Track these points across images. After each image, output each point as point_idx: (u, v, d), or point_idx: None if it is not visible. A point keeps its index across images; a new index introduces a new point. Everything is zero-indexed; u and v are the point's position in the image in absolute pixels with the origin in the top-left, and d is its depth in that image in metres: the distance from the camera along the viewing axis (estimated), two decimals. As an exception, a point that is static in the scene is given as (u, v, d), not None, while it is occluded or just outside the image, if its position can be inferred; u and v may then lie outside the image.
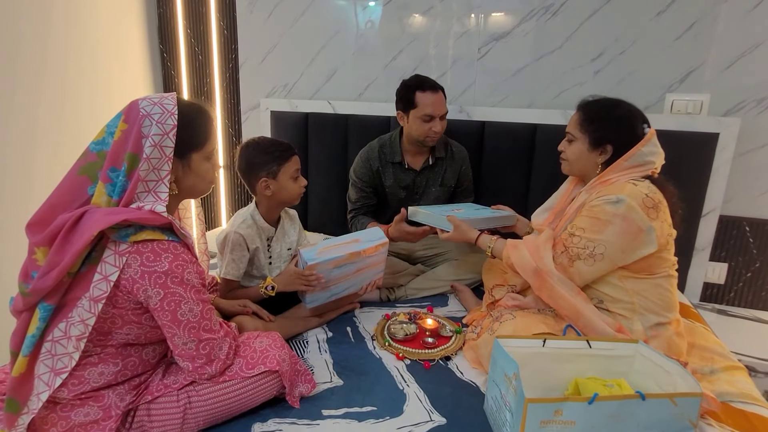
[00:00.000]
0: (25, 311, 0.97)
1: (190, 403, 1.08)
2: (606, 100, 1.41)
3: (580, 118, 1.39)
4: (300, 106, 2.39)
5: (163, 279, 0.98)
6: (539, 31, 2.06)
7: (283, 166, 1.53)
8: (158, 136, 1.00)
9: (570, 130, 1.42)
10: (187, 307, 1.02)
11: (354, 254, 1.52)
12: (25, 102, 1.98)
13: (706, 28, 1.85)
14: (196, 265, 1.06)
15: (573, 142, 1.41)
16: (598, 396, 0.97)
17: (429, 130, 1.83)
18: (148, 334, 1.07)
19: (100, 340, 1.02)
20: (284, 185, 1.55)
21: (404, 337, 1.50)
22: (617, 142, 1.34)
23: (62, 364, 0.98)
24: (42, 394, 0.97)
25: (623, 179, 1.30)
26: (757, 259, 1.96)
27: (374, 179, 1.99)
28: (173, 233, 1.03)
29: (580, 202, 1.37)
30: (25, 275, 0.98)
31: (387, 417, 1.18)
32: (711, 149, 1.83)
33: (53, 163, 2.08)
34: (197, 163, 1.11)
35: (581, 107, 1.42)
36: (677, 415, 1.00)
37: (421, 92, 1.81)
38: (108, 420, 1.02)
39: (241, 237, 1.54)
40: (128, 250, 0.97)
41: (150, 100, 1.03)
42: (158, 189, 1.03)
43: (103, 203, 0.99)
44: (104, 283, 0.96)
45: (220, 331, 1.10)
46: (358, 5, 2.29)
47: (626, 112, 1.36)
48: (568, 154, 1.43)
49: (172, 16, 2.60)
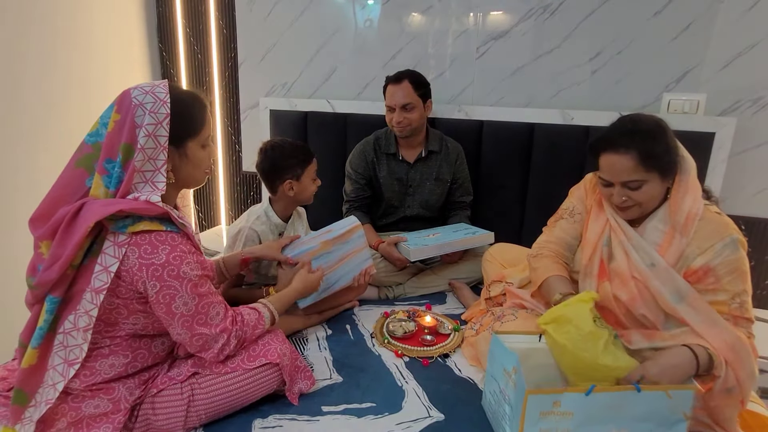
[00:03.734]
0: (36, 304, 0.99)
1: (193, 395, 1.09)
2: (643, 125, 1.19)
3: (638, 161, 1.14)
4: (299, 105, 2.40)
5: (160, 272, 0.99)
6: (537, 30, 2.07)
7: (306, 169, 1.61)
8: (152, 125, 0.99)
9: (631, 177, 1.16)
10: (181, 301, 1.03)
11: (326, 243, 1.57)
12: (23, 101, 1.99)
13: (702, 29, 1.87)
14: (195, 255, 1.05)
15: (642, 186, 1.17)
16: (595, 387, 0.99)
17: (392, 120, 1.93)
18: (154, 324, 1.08)
19: (108, 331, 1.04)
20: (306, 186, 1.63)
21: (403, 334, 1.52)
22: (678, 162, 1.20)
23: (74, 355, 0.99)
24: (58, 384, 0.98)
25: (699, 202, 1.18)
26: (753, 258, 1.97)
27: (369, 171, 2.03)
28: (172, 223, 1.03)
29: (681, 248, 1.17)
30: (33, 269, 0.99)
31: (386, 413, 1.19)
32: (707, 148, 1.85)
33: (49, 160, 2.09)
34: (193, 151, 1.09)
35: (625, 146, 1.15)
36: (672, 407, 1.01)
37: (388, 85, 1.94)
38: (117, 413, 1.03)
39: (255, 233, 1.60)
40: (127, 242, 0.97)
41: (141, 89, 1.02)
42: (155, 179, 1.02)
43: (100, 195, 1.00)
44: (105, 274, 0.97)
45: (218, 326, 1.09)
46: (357, 4, 2.30)
47: (665, 128, 1.20)
48: (641, 198, 1.18)
49: (172, 15, 2.60)
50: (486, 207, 2.17)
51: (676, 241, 1.17)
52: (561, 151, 2.01)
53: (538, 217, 1.55)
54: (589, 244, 1.30)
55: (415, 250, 1.76)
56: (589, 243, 1.30)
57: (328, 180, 2.34)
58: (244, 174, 2.70)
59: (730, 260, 1.13)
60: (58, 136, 2.13)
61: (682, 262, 1.17)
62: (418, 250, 1.76)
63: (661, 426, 1.03)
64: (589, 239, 1.31)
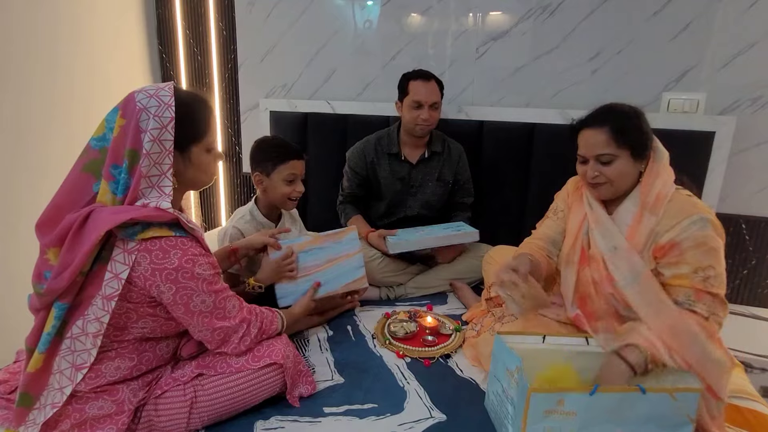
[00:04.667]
0: (42, 309, 0.99)
1: (196, 397, 1.10)
2: (617, 106, 1.28)
3: (611, 134, 1.22)
4: (299, 106, 2.40)
5: (174, 275, 0.99)
6: (537, 30, 2.07)
7: (279, 167, 1.58)
8: (156, 130, 0.99)
9: (603, 150, 1.24)
10: (199, 299, 1.04)
11: (318, 238, 1.60)
12: (21, 103, 1.98)
13: (702, 28, 1.87)
14: (206, 257, 1.06)
15: (612, 162, 1.23)
16: (599, 388, 0.99)
17: (417, 118, 1.90)
18: (163, 327, 1.08)
19: (116, 335, 1.04)
20: (275, 185, 1.60)
21: (405, 335, 1.52)
22: (651, 146, 1.26)
23: (82, 359, 1.00)
24: (65, 388, 0.99)
25: (669, 186, 1.23)
26: (753, 257, 1.98)
27: (366, 170, 2.04)
28: (180, 228, 1.03)
29: (650, 227, 1.21)
30: (38, 275, 0.98)
31: (388, 414, 1.19)
32: (707, 148, 1.85)
33: (52, 163, 2.09)
34: (197, 155, 1.09)
35: (599, 122, 1.25)
36: (676, 410, 1.01)
37: (414, 81, 1.91)
38: (121, 415, 1.04)
39: (238, 231, 1.61)
40: (137, 248, 0.97)
41: (146, 92, 1.01)
42: (162, 183, 1.02)
43: (107, 201, 0.99)
44: (115, 281, 0.97)
45: (236, 317, 1.12)
46: (357, 5, 2.30)
47: (639, 112, 1.27)
48: (611, 175, 1.24)
49: (171, 17, 2.60)
50: (486, 207, 2.17)
51: (645, 220, 1.22)
52: (561, 151, 2.01)
53: (538, 218, 1.55)
54: (570, 234, 1.38)
55: (394, 244, 1.79)
56: (570, 233, 1.38)
57: (328, 181, 2.35)
58: (245, 175, 2.70)
59: (696, 235, 1.16)
60: (61, 138, 2.13)
61: (651, 240, 1.21)
62: (397, 245, 1.79)
63: (665, 428, 1.02)
64: (570, 230, 1.39)
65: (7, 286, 1.93)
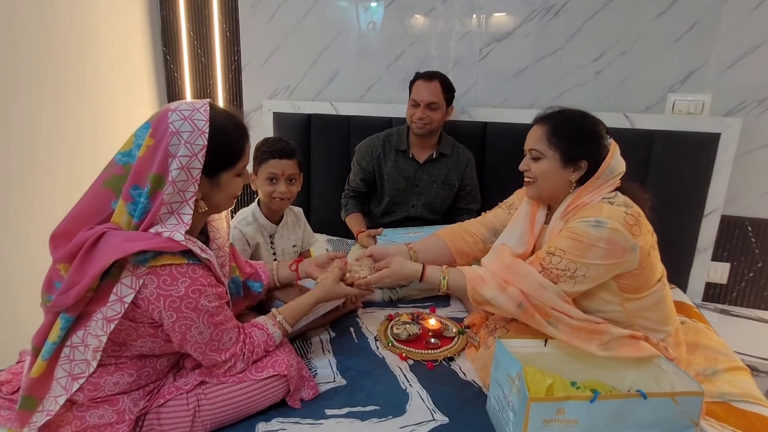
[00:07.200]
0: (49, 313, 0.99)
1: (198, 406, 1.09)
2: (569, 111, 1.29)
3: (547, 133, 1.25)
4: (302, 108, 2.40)
5: (178, 303, 0.98)
6: (541, 31, 2.07)
7: (261, 166, 1.60)
8: (186, 157, 0.95)
9: (535, 146, 1.27)
10: (197, 331, 1.03)
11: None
12: (27, 105, 1.99)
13: (707, 29, 1.86)
14: (215, 287, 1.04)
15: (540, 159, 1.27)
16: (599, 395, 0.98)
17: (413, 116, 1.93)
18: (162, 347, 1.07)
19: (115, 351, 1.03)
20: (259, 184, 1.62)
21: (407, 337, 1.51)
22: (592, 158, 1.24)
23: (80, 369, 0.99)
24: (59, 398, 0.98)
25: (597, 198, 1.22)
26: (759, 259, 1.96)
27: (372, 165, 2.05)
28: (194, 255, 1.01)
29: (558, 230, 1.26)
30: (49, 284, 0.98)
31: (390, 416, 1.19)
32: (713, 149, 1.83)
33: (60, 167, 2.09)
34: (227, 180, 1.06)
35: (544, 120, 1.28)
36: (679, 414, 1.00)
37: (418, 80, 1.95)
38: (121, 424, 1.03)
39: (240, 232, 1.61)
40: (146, 272, 0.95)
41: (180, 113, 0.96)
42: (182, 210, 0.98)
43: (123, 223, 0.97)
44: (119, 304, 0.95)
45: (228, 351, 1.09)
46: (360, 6, 2.30)
47: (594, 124, 1.26)
48: (536, 173, 1.27)
49: (175, 19, 2.61)
50: (489, 208, 2.16)
51: (559, 226, 1.26)
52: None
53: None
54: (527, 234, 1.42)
55: (377, 246, 1.77)
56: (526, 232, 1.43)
57: (331, 182, 2.36)
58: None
59: (575, 228, 1.19)
60: (67, 140, 2.14)
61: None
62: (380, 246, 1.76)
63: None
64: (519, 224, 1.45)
65: (9, 285, 1.94)
